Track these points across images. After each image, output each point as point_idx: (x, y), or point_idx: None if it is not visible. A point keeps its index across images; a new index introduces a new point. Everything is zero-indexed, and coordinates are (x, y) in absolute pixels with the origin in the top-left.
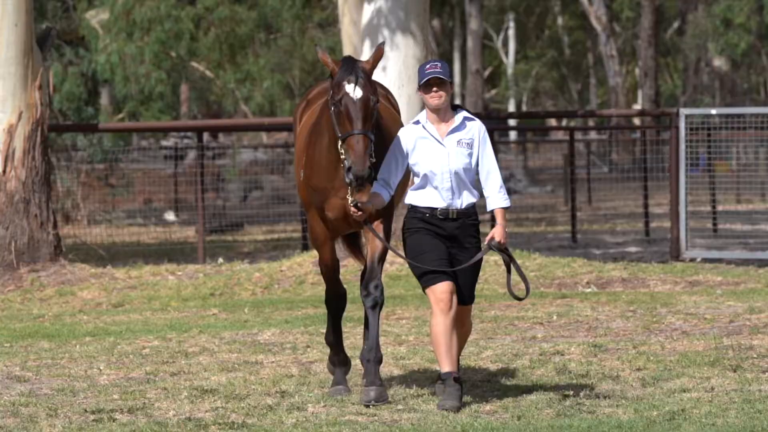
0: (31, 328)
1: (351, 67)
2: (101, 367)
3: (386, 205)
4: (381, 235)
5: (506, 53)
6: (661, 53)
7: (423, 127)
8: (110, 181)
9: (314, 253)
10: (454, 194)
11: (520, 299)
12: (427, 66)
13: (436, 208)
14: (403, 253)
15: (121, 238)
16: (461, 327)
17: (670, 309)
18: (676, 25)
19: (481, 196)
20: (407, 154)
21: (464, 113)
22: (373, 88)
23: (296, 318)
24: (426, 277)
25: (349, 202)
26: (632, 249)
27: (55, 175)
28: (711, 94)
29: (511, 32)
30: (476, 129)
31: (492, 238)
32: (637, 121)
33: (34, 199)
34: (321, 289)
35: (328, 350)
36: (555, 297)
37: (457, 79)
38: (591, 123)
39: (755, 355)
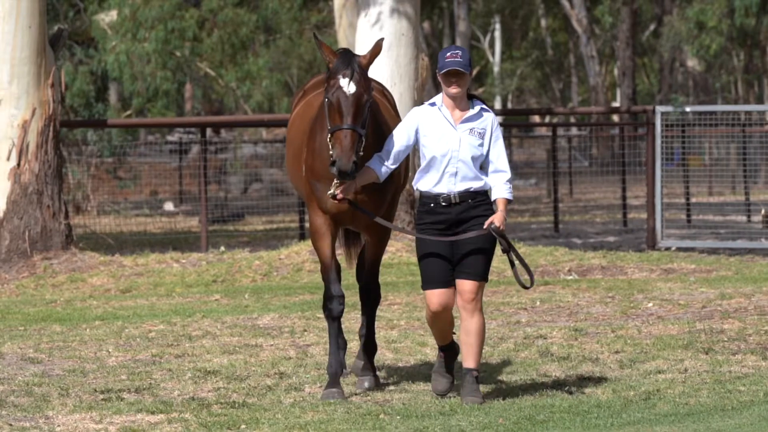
0: (43, 313)
1: (348, 60)
2: (110, 350)
3: (390, 193)
4: (383, 221)
5: (492, 53)
6: (638, 54)
7: (438, 109)
8: (118, 174)
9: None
10: (457, 180)
11: (526, 287)
12: (448, 54)
13: (440, 195)
14: (408, 230)
15: (129, 228)
16: (470, 317)
17: (646, 295)
18: (652, 27)
19: None
20: (417, 131)
21: (481, 104)
22: (368, 85)
23: (294, 303)
24: (424, 281)
25: (328, 193)
26: (611, 238)
27: (66, 168)
28: (685, 93)
29: (498, 34)
30: (490, 120)
31: (492, 222)
32: (615, 118)
33: (47, 190)
34: (317, 276)
35: (324, 334)
36: (538, 284)
37: None
38: (572, 120)
39: (726, 339)
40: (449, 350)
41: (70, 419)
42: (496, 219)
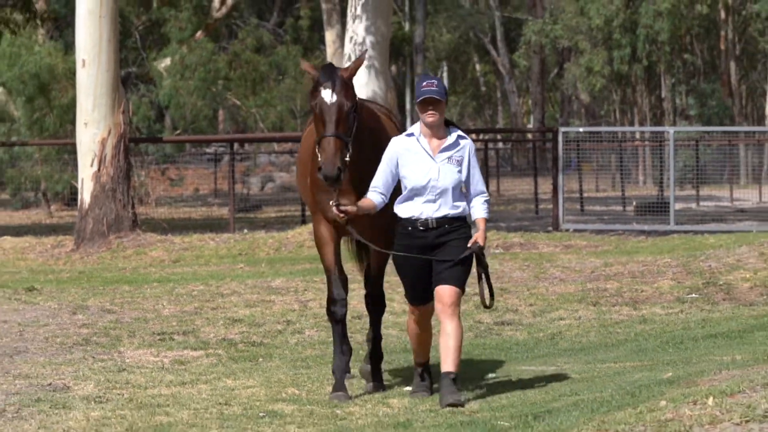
0: (117, 277)
1: (329, 73)
2: (164, 304)
3: (386, 218)
4: (376, 245)
5: None
6: (546, 90)
7: (417, 139)
8: (170, 176)
9: (311, 225)
10: (436, 206)
11: (486, 307)
12: (424, 83)
13: (417, 219)
14: (396, 252)
15: (178, 215)
16: (449, 321)
17: (552, 264)
18: (555, 71)
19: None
20: (398, 164)
21: (458, 132)
22: (349, 94)
23: (298, 270)
24: (408, 297)
25: (331, 202)
26: (527, 222)
27: (132, 172)
28: (579, 118)
29: (445, 74)
30: (467, 147)
31: (475, 242)
32: (529, 135)
33: (119, 188)
34: (316, 252)
35: (319, 294)
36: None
37: (408, 106)
38: (499, 137)
39: (608, 295)
40: (424, 366)
41: (136, 354)
42: (480, 239)
